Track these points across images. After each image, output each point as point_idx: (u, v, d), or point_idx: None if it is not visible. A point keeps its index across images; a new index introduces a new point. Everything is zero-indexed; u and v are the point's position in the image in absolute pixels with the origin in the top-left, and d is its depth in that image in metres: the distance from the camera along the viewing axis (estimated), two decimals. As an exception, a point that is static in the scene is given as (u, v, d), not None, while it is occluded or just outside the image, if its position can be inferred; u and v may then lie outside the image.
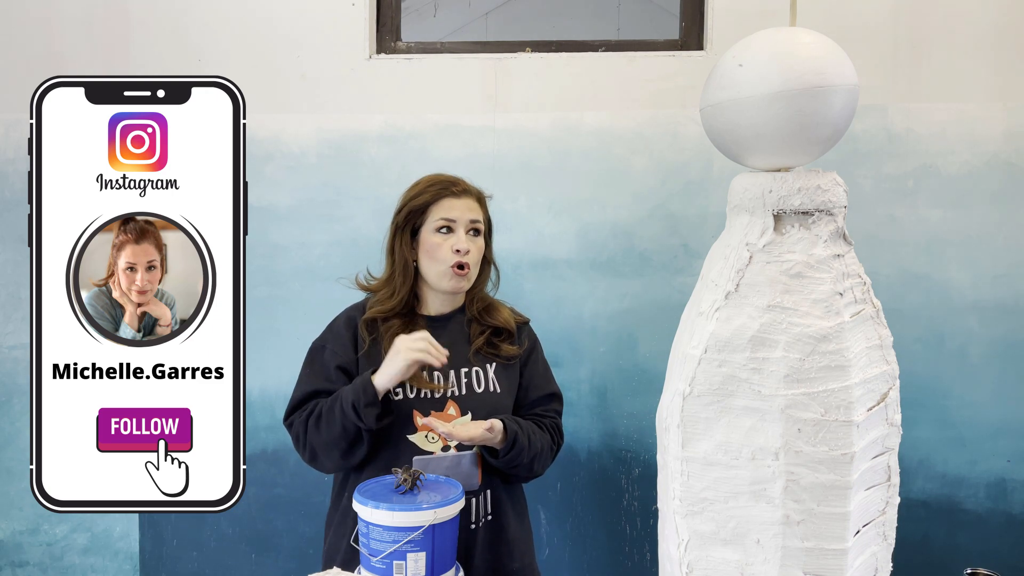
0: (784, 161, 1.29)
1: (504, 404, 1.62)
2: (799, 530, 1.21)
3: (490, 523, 1.60)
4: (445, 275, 1.59)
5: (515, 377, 1.67)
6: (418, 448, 1.55)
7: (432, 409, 1.57)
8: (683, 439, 1.25)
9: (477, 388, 1.61)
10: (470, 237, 1.61)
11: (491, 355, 1.64)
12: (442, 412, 1.57)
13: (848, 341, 1.21)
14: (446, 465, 1.54)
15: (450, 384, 1.59)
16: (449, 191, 1.61)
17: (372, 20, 2.19)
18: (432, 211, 1.61)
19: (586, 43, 2.19)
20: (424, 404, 1.57)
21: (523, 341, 1.69)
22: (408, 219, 1.63)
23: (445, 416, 1.57)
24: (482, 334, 1.65)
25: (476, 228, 1.63)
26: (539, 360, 1.72)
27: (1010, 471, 2.14)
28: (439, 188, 1.62)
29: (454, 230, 1.60)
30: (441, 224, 1.60)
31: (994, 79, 2.10)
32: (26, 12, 2.21)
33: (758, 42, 1.25)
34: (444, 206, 1.60)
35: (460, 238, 1.59)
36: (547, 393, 1.70)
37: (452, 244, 1.59)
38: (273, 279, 2.21)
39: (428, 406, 1.57)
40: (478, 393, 1.60)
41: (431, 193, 1.61)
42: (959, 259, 2.13)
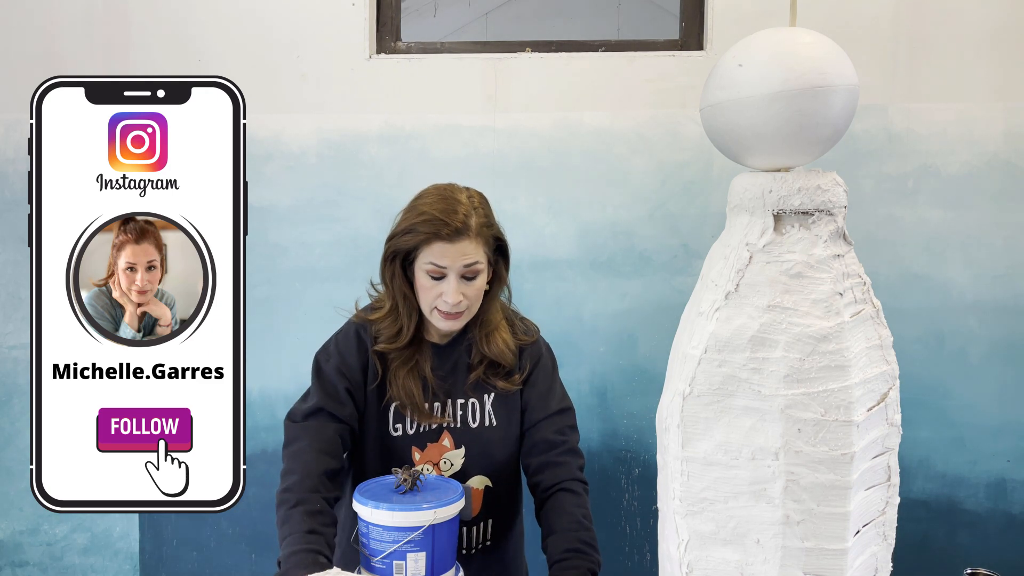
0: (784, 161, 1.29)
1: (500, 437, 1.56)
2: (799, 530, 1.21)
3: (488, 547, 1.58)
4: (435, 316, 1.50)
5: (515, 404, 1.59)
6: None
7: (428, 442, 1.53)
8: (683, 439, 1.25)
9: (472, 423, 1.55)
10: (464, 283, 1.46)
11: (489, 386, 1.56)
12: (437, 443, 1.54)
13: (848, 341, 1.21)
14: None
15: (446, 416, 1.53)
16: (440, 235, 1.43)
17: (372, 20, 2.19)
18: (422, 254, 1.45)
19: (586, 43, 2.19)
20: (420, 438, 1.53)
21: (524, 365, 1.58)
22: (395, 256, 1.49)
23: (440, 447, 1.54)
24: (481, 363, 1.55)
25: (473, 271, 1.47)
26: (538, 381, 1.59)
27: (1010, 471, 2.14)
28: (430, 230, 1.43)
29: (446, 275, 1.45)
30: (432, 270, 1.45)
31: (994, 79, 2.10)
32: (26, 12, 2.21)
33: (758, 42, 1.25)
34: (435, 251, 1.44)
35: (451, 288, 1.44)
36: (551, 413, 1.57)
37: (440, 292, 1.46)
38: (273, 279, 2.21)
39: (424, 439, 1.53)
40: (473, 428, 1.54)
41: (421, 236, 1.44)
42: (959, 259, 2.13)
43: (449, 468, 1.54)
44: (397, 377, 1.51)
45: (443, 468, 1.53)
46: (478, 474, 1.55)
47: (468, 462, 1.54)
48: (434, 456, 1.54)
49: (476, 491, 1.55)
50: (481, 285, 1.51)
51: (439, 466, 1.53)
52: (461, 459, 1.54)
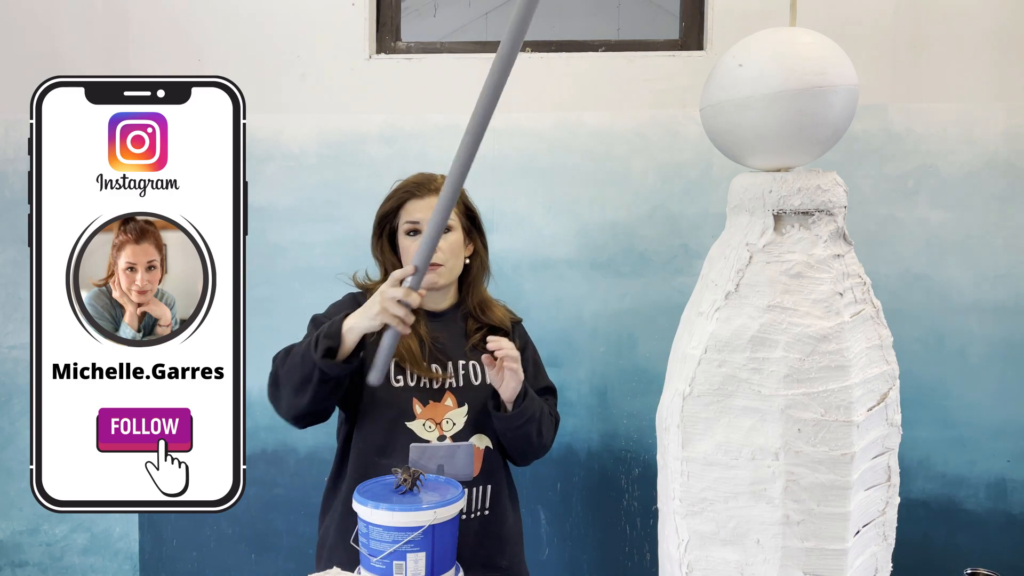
0: (784, 161, 1.29)
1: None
2: (799, 530, 1.21)
3: (486, 518, 1.60)
4: None
5: None
6: (415, 436, 1.56)
7: (431, 399, 1.58)
8: (683, 439, 1.25)
9: (474, 381, 1.62)
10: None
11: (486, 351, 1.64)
12: (439, 402, 1.58)
13: (848, 341, 1.21)
14: (442, 454, 1.56)
15: (448, 375, 1.61)
16: (412, 194, 1.63)
17: (372, 20, 2.19)
18: (400, 215, 1.64)
19: (586, 43, 2.19)
20: (423, 393, 1.58)
21: (515, 340, 1.69)
22: (380, 225, 1.67)
23: (442, 407, 1.58)
24: (478, 330, 1.66)
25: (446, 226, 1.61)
26: (530, 359, 1.72)
27: (1010, 471, 2.14)
28: (403, 192, 1.64)
29: (421, 231, 1.60)
30: (408, 228, 1.63)
31: (994, 79, 2.10)
32: (26, 12, 2.21)
33: (758, 42, 1.25)
34: (409, 209, 1.63)
35: None
36: (539, 388, 1.70)
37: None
38: (273, 279, 2.21)
39: (427, 396, 1.58)
40: (475, 386, 1.61)
41: (396, 199, 1.64)
42: (959, 259, 2.13)
43: (452, 428, 1.58)
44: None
45: (445, 428, 1.58)
46: (480, 432, 1.60)
47: (470, 419, 1.59)
48: (437, 415, 1.58)
49: (478, 450, 1.59)
50: (455, 241, 1.64)
51: (441, 425, 1.58)
52: (464, 417, 1.59)
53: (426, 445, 1.56)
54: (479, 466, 1.59)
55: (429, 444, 1.56)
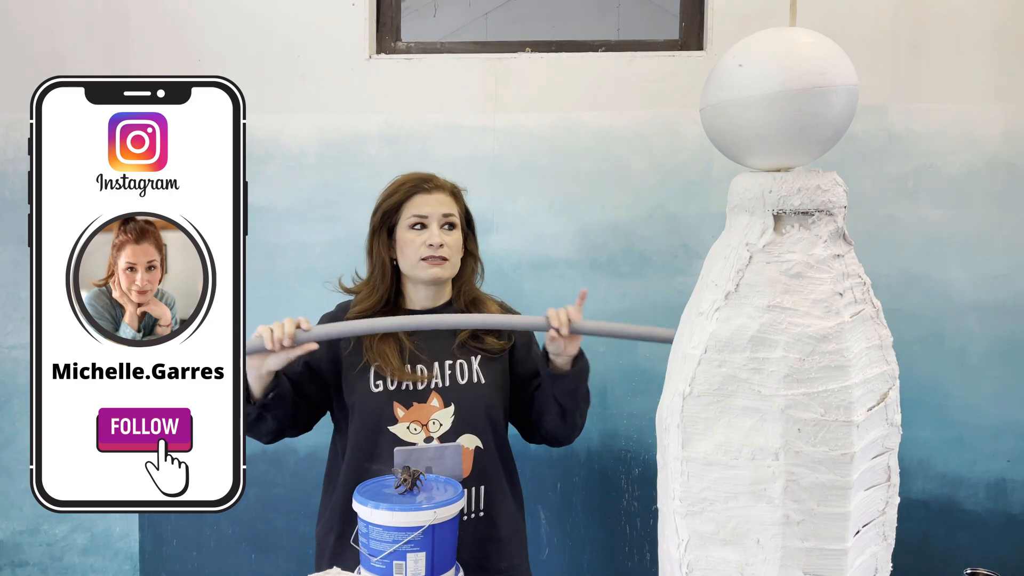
0: (784, 161, 1.29)
1: (489, 395, 1.62)
2: (799, 530, 1.21)
3: (481, 519, 1.59)
4: (419, 266, 1.61)
5: (502, 369, 1.66)
6: (399, 439, 1.55)
7: (414, 401, 1.58)
8: (683, 439, 1.25)
9: (461, 380, 1.61)
10: (444, 231, 1.63)
11: (476, 348, 1.65)
12: (425, 403, 1.58)
13: (848, 341, 1.21)
14: (429, 456, 1.55)
15: (433, 375, 1.60)
16: (420, 188, 1.65)
17: (372, 20, 2.19)
18: (405, 209, 1.65)
19: (586, 43, 2.19)
20: (406, 396, 1.58)
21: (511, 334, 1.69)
22: (383, 220, 1.67)
23: (428, 408, 1.58)
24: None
25: (450, 222, 1.65)
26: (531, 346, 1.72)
27: (1010, 471, 2.14)
28: (410, 186, 1.65)
29: (427, 226, 1.63)
30: (414, 221, 1.63)
31: (994, 79, 2.10)
32: (26, 12, 2.21)
33: (758, 42, 1.25)
34: (416, 203, 1.64)
35: (433, 233, 1.62)
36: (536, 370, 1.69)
37: (425, 240, 1.62)
38: (273, 279, 2.21)
39: (410, 398, 1.58)
40: (461, 384, 1.61)
41: (403, 192, 1.65)
42: (959, 259, 2.13)
43: (438, 429, 1.57)
44: (372, 341, 1.59)
45: (432, 429, 1.57)
46: (468, 433, 1.59)
47: (457, 419, 1.58)
48: (422, 417, 1.57)
49: (466, 450, 1.58)
50: (458, 238, 1.67)
51: (428, 427, 1.57)
52: (450, 418, 1.58)
53: (412, 448, 1.55)
54: (468, 467, 1.58)
55: (415, 447, 1.55)
